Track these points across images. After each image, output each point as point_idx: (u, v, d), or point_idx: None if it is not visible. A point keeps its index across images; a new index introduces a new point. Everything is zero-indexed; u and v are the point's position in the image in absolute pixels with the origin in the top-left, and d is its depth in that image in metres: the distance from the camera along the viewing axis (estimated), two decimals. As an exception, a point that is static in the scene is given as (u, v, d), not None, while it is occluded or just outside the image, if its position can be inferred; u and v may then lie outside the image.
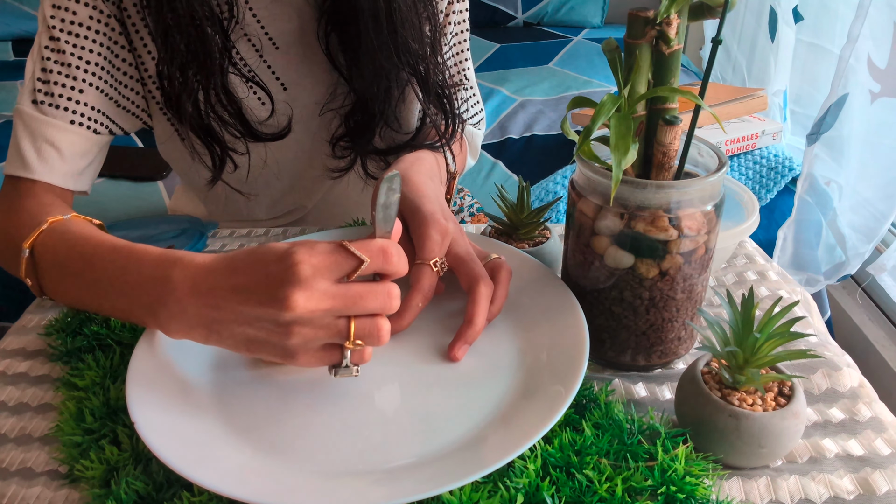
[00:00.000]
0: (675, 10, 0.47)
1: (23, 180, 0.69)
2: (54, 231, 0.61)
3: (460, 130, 0.82)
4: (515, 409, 0.49)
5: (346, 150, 0.81)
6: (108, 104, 0.72)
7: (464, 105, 0.88)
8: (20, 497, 0.48)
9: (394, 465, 0.46)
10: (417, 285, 0.56)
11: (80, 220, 0.63)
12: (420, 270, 0.57)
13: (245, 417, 0.50)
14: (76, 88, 0.69)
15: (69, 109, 0.69)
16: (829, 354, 0.59)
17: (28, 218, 0.64)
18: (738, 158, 1.48)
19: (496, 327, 0.57)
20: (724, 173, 0.51)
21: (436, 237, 0.57)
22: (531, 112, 1.75)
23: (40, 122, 0.68)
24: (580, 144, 0.51)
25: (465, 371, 0.54)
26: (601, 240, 0.53)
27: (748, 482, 0.48)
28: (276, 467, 0.46)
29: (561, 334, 0.55)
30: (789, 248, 1.45)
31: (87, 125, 0.71)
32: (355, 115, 0.79)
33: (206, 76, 0.69)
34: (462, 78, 0.87)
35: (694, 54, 2.41)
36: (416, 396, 0.52)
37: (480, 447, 0.46)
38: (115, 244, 0.56)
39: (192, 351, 0.53)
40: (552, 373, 0.52)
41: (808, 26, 1.66)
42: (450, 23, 0.82)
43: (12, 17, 2.21)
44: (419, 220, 0.59)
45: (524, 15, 2.48)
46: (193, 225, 0.80)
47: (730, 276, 0.72)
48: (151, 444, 0.45)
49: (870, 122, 1.33)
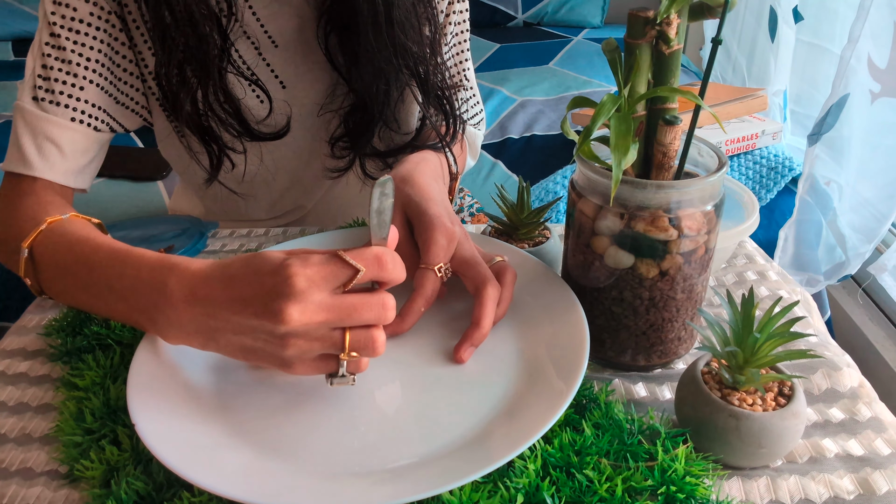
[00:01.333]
0: (675, 10, 0.47)
1: (23, 177, 0.69)
2: (53, 232, 0.60)
3: (461, 131, 0.82)
4: (516, 408, 0.49)
5: (345, 151, 0.81)
6: (108, 101, 0.72)
7: (464, 105, 0.88)
8: (20, 497, 0.48)
9: (395, 465, 0.46)
10: (420, 290, 0.56)
11: (79, 220, 0.63)
12: (424, 275, 0.56)
13: (246, 418, 0.50)
14: (77, 86, 0.69)
15: (70, 106, 0.69)
16: (829, 354, 0.59)
17: (27, 216, 0.64)
18: (738, 158, 1.48)
19: (497, 326, 0.57)
20: (724, 173, 0.51)
21: (442, 241, 0.57)
22: (531, 112, 1.75)
23: (41, 119, 0.68)
24: (580, 144, 0.51)
25: (466, 370, 0.54)
26: (601, 240, 0.53)
27: (748, 482, 0.48)
28: (276, 468, 0.46)
29: (561, 332, 0.55)
30: (789, 248, 1.45)
31: (87, 122, 0.71)
32: (354, 116, 0.79)
33: (204, 75, 0.69)
34: (462, 79, 0.87)
35: (694, 54, 2.41)
36: (416, 397, 0.52)
37: (481, 446, 0.46)
38: (112, 247, 0.56)
39: (193, 353, 0.53)
40: (553, 371, 0.52)
41: (808, 26, 1.66)
42: (450, 23, 0.82)
43: (12, 17, 2.21)
44: (425, 223, 0.58)
45: (524, 15, 2.48)
46: (193, 225, 0.80)
47: (730, 276, 0.72)
48: (152, 446, 0.45)
49: (870, 122, 1.33)
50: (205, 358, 0.54)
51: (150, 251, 0.54)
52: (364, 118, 0.78)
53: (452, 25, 0.83)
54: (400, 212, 0.62)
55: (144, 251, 0.54)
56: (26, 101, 0.69)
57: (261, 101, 0.77)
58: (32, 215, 0.64)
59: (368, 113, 0.77)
